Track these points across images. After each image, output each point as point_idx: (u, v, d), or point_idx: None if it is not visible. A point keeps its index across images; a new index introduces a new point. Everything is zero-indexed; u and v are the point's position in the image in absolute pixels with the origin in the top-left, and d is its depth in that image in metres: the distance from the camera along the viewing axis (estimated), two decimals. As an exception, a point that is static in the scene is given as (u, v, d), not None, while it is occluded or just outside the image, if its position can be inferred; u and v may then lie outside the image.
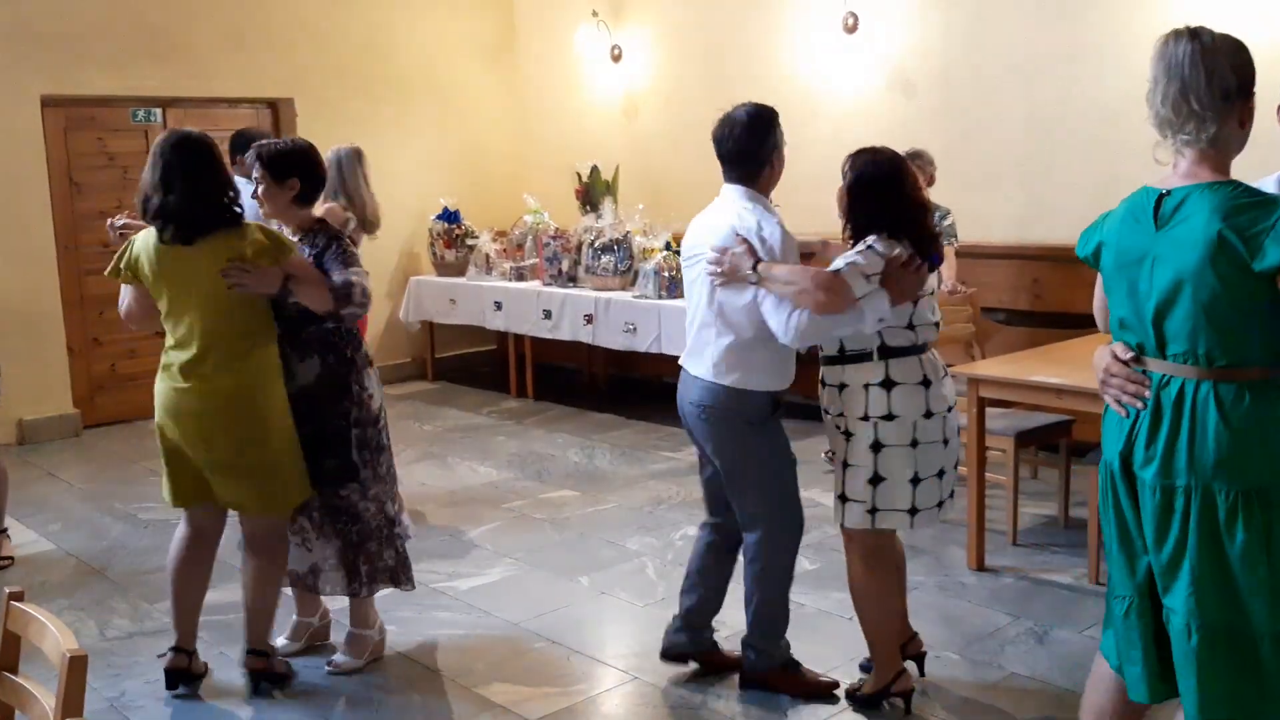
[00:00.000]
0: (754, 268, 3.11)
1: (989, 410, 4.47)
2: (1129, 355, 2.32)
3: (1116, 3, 5.62)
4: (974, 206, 5.66)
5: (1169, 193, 2.24)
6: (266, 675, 3.58)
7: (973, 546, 4.45)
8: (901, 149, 5.76)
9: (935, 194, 5.72)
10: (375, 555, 3.66)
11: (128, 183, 3.66)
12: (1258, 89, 2.24)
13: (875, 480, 3.15)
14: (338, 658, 3.75)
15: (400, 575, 3.74)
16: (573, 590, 4.38)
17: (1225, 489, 2.18)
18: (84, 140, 7.10)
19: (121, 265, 3.44)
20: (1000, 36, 6.10)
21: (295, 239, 3.54)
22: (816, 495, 5.31)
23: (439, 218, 8.32)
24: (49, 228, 6.90)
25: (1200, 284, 2.15)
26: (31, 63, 6.79)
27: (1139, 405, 2.28)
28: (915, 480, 3.14)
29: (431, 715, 3.44)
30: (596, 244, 7.31)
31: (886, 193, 3.14)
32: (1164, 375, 2.26)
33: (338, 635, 3.88)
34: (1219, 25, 2.24)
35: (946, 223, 5.73)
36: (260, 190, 3.53)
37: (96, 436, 7.06)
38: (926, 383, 3.14)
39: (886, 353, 3.13)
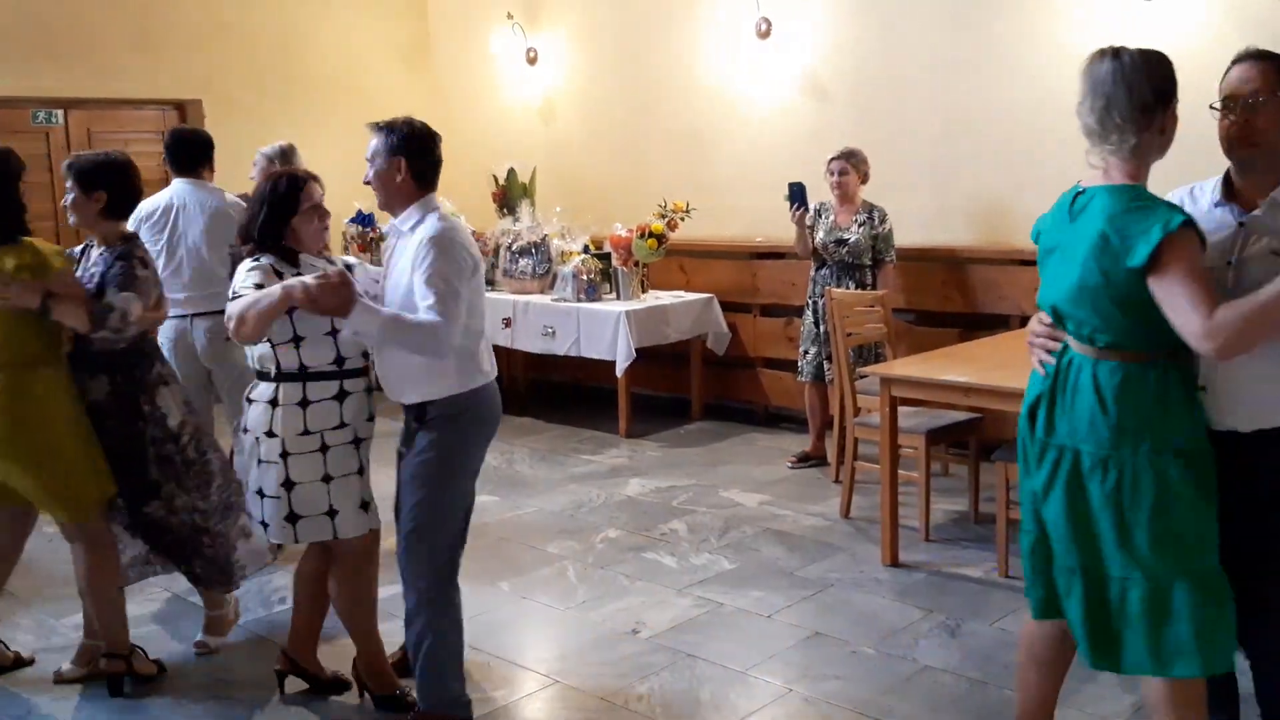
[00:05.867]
0: None
1: (900, 409, 4.57)
2: (1049, 322, 2.62)
3: (1021, 13, 5.77)
4: (886, 209, 5.77)
5: (1084, 191, 2.49)
6: (129, 675, 3.60)
7: (886, 543, 4.54)
8: (816, 152, 5.97)
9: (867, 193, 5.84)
10: (182, 562, 3.76)
11: (27, 187, 3.54)
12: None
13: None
14: (202, 638, 3.92)
15: (213, 580, 3.78)
16: (494, 595, 4.36)
17: (1090, 451, 2.46)
18: (-20, 142, 6.87)
19: None
20: (911, 44, 6.22)
21: (100, 251, 3.57)
22: (735, 495, 5.38)
23: (353, 221, 8.17)
24: (-56, 232, 6.66)
25: (1087, 273, 2.41)
26: (-77, 61, 6.56)
27: (1051, 362, 2.57)
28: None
29: (351, 724, 3.41)
30: (514, 247, 7.29)
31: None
32: (1065, 346, 2.55)
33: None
34: (1119, 35, 2.35)
35: (886, 227, 5.77)
36: (69, 201, 3.56)
37: None
38: None
39: None
